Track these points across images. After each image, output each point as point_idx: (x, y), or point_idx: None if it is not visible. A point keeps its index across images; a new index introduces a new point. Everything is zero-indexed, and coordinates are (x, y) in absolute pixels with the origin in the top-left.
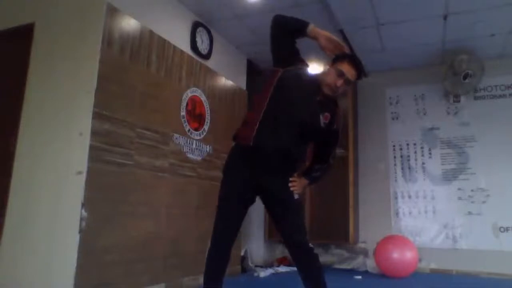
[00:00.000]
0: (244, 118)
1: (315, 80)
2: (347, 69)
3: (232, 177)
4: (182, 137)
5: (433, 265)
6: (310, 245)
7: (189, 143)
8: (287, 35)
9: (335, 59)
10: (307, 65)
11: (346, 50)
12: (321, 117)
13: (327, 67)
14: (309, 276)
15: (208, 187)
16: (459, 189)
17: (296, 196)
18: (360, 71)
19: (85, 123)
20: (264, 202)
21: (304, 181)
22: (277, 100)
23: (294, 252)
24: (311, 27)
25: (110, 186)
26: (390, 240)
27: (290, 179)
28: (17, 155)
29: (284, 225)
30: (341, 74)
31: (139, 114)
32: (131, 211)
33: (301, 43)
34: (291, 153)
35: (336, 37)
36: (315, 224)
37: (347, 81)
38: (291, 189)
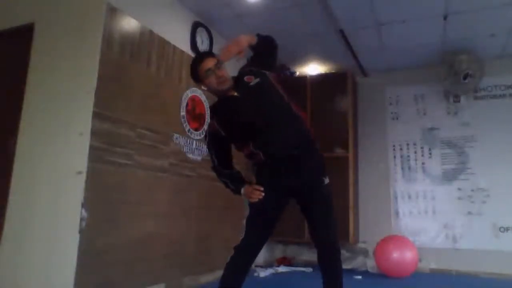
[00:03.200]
0: (245, 154)
1: (218, 104)
2: (204, 65)
3: (263, 189)
4: (182, 137)
5: (433, 265)
6: (338, 244)
7: (189, 143)
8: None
9: (193, 77)
10: (212, 118)
11: (234, 45)
12: (252, 85)
13: (201, 86)
14: (330, 275)
15: (208, 187)
16: (459, 189)
17: (326, 181)
18: (206, 53)
19: (85, 123)
20: (298, 203)
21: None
22: (246, 138)
23: (323, 252)
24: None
25: (110, 186)
26: (390, 240)
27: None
28: (17, 155)
29: (317, 226)
30: (208, 72)
31: (139, 114)
32: (131, 211)
33: (301, 46)
34: (301, 145)
35: (228, 46)
36: None
37: (215, 68)
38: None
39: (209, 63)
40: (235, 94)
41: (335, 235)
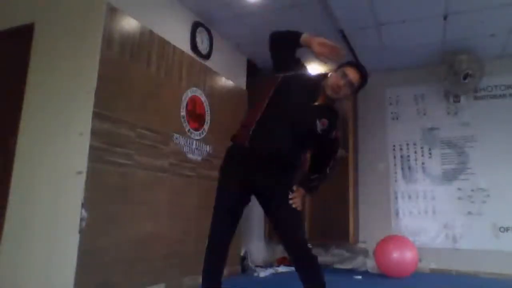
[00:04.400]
0: (242, 120)
1: (317, 83)
2: (350, 71)
3: (227, 177)
4: (182, 137)
5: (433, 265)
6: (309, 245)
7: (189, 143)
8: (284, 51)
9: (339, 65)
10: (307, 69)
11: (342, 50)
12: (317, 122)
13: (331, 73)
14: (308, 276)
15: (208, 187)
16: (459, 189)
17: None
18: (363, 75)
19: (85, 123)
20: (260, 202)
21: (302, 193)
22: (275, 103)
23: (293, 252)
24: (304, 36)
25: (110, 186)
26: (390, 240)
27: (290, 196)
28: (17, 155)
29: (281, 226)
30: (344, 75)
31: (139, 114)
32: (131, 211)
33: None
34: (285, 156)
35: (330, 41)
36: (315, 224)
37: (349, 83)
38: (294, 206)
39: (355, 78)
40: (318, 102)
41: (304, 236)
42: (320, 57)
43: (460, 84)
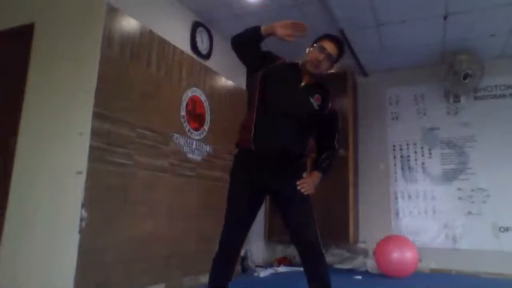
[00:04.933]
0: (242, 122)
1: (296, 66)
2: (327, 44)
3: (238, 183)
4: (182, 137)
5: (433, 265)
6: (320, 245)
7: (189, 143)
8: (250, 50)
9: (314, 40)
10: (283, 59)
11: (305, 25)
12: (311, 100)
13: (308, 49)
14: (315, 276)
15: (208, 187)
16: (459, 189)
17: (305, 193)
18: (340, 45)
19: (85, 123)
20: (274, 202)
21: (316, 175)
22: (265, 101)
23: (299, 252)
24: (263, 28)
25: (110, 186)
26: (390, 240)
27: (298, 182)
28: (17, 155)
29: (289, 225)
30: (322, 49)
31: (139, 114)
32: (131, 211)
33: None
34: (291, 149)
35: (290, 20)
36: None
37: (328, 55)
38: (303, 191)
39: (332, 49)
40: (304, 82)
41: (316, 235)
42: (287, 39)
43: (460, 84)
